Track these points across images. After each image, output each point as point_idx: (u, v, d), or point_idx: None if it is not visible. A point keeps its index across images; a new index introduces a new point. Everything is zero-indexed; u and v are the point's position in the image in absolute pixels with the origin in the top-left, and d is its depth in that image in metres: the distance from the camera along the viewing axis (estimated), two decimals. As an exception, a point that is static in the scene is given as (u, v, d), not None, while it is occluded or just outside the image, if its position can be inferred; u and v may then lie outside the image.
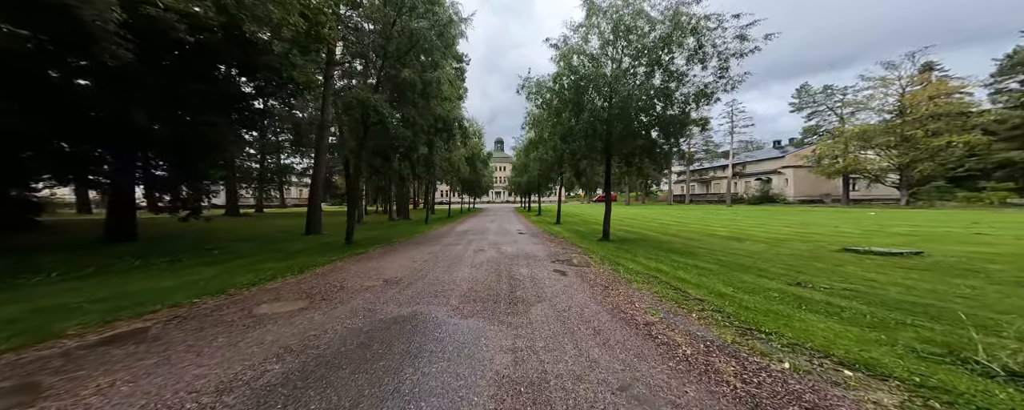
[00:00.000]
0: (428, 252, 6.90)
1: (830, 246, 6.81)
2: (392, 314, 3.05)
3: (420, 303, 3.39)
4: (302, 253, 6.65)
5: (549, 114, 9.81)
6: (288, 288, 3.92)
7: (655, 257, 5.94)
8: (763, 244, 7.53)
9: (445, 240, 9.07)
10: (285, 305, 3.28)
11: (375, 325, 2.75)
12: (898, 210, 19.91)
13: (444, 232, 11.37)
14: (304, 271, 4.85)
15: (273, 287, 3.96)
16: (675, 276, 4.39)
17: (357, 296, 3.61)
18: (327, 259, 5.84)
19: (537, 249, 7.26)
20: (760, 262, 5.29)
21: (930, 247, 6.14)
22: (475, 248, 7.56)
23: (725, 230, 10.99)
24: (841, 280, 4.01)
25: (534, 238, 9.42)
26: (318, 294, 3.68)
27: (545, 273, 4.89)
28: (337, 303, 3.36)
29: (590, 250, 6.95)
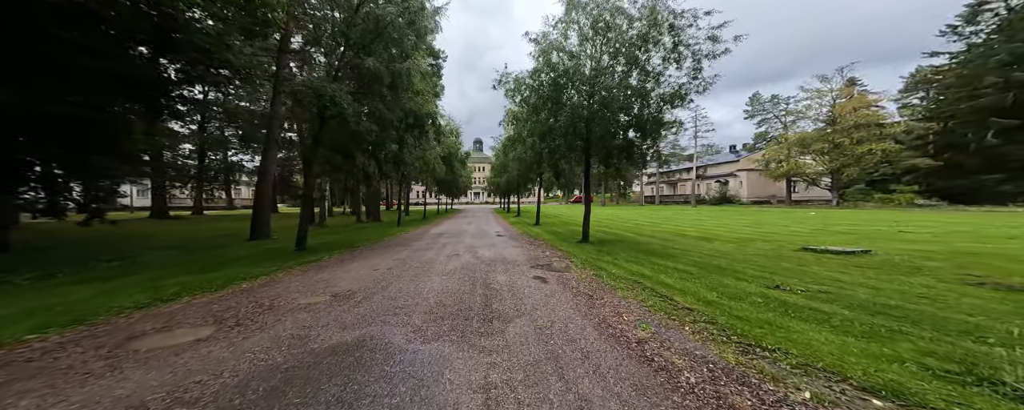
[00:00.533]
0: (395, 258, 6.17)
1: (790, 245, 7.06)
2: (331, 342, 2.40)
3: (373, 324, 2.77)
4: (235, 263, 5.62)
5: (528, 112, 9.43)
6: (192, 310, 3.09)
7: (635, 260, 5.71)
8: (731, 244, 7.67)
9: (416, 244, 8.31)
10: (176, 335, 2.49)
11: (302, 359, 2.10)
12: (832, 210, 22.09)
13: (416, 235, 10.54)
14: (227, 286, 3.98)
15: (170, 310, 3.10)
16: (658, 281, 4.12)
17: (288, 318, 2.90)
18: (265, 270, 4.93)
19: (516, 253, 6.79)
20: (734, 263, 5.24)
21: (871, 245, 6.55)
22: (449, 253, 6.92)
23: (693, 230, 11.28)
24: (812, 281, 3.97)
25: (513, 241, 8.95)
26: (232, 317, 2.90)
27: (525, 280, 4.43)
28: (255, 329, 2.63)
29: (571, 253, 6.61)
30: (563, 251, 6.93)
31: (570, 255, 6.41)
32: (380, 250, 7.27)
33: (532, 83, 8.48)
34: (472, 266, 5.47)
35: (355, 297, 3.59)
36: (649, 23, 6.53)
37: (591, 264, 5.40)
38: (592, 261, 5.67)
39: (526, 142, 14.03)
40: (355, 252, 7.04)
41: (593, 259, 5.88)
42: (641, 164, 8.27)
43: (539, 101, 8.58)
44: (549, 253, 6.74)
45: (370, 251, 7.15)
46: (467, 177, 28.26)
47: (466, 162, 26.26)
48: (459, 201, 54.58)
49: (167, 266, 5.37)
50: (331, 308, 3.18)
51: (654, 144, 7.92)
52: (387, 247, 7.77)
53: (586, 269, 5.05)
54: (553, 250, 7.18)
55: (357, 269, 5.15)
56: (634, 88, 7.31)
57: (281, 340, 2.41)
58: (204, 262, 5.72)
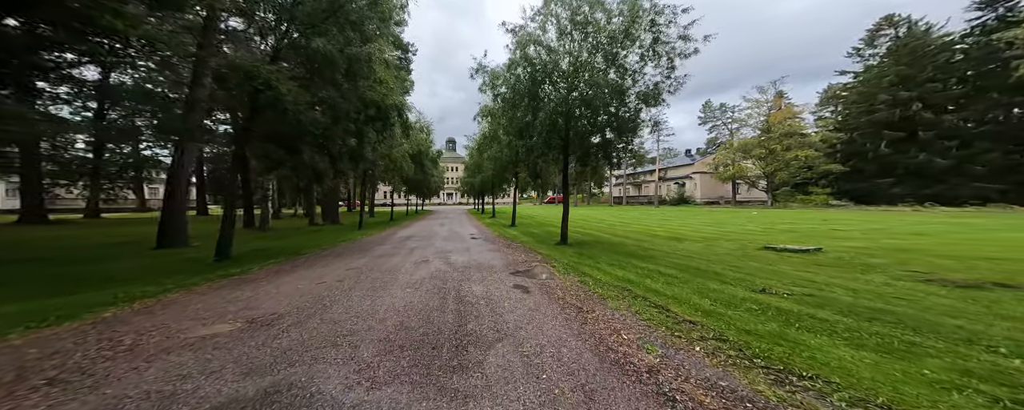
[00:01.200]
0: (349, 267, 5.25)
1: (750, 244, 7.39)
2: (217, 400, 1.63)
3: (298, 363, 2.03)
4: (120, 279, 4.28)
5: (504, 107, 8.91)
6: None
7: (618, 263, 5.47)
8: (700, 244, 7.86)
9: (379, 249, 7.34)
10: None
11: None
12: (768, 210, 24.75)
13: (380, 239, 9.45)
14: (81, 315, 2.84)
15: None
16: (647, 287, 3.84)
17: (155, 363, 2.01)
18: (159, 288, 3.79)
19: (493, 257, 6.22)
20: (710, 264, 5.21)
21: (817, 243, 7.07)
22: (417, 259, 6.13)
23: (661, 230, 11.62)
24: (791, 283, 3.96)
25: (489, 244, 8.36)
26: (54, 368, 1.93)
27: (504, 290, 3.89)
28: (83, 388, 1.72)
29: (551, 257, 6.22)
30: (543, 254, 6.52)
31: (550, 259, 6.01)
32: (331, 258, 6.23)
33: (508, 77, 7.99)
34: (443, 274, 4.80)
35: (281, 323, 2.75)
36: (629, 19, 6.38)
37: (574, 269, 5.03)
38: (574, 265, 5.31)
39: (502, 141, 13.53)
40: (298, 261, 5.93)
41: (575, 263, 5.53)
42: (618, 163, 8.18)
43: (516, 97, 8.12)
44: (528, 257, 6.28)
45: (318, 259, 6.08)
46: (439, 177, 26.94)
47: (438, 161, 25.01)
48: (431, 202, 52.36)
49: (10, 285, 3.91)
50: (238, 341, 2.33)
51: (631, 142, 7.87)
52: (341, 254, 6.72)
53: (569, 275, 4.66)
54: (532, 253, 6.74)
55: (294, 283, 4.20)
56: (612, 86, 7.16)
57: (124, 402, 1.57)
58: (76, 279, 4.29)
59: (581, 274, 4.68)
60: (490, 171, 16.23)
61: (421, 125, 20.61)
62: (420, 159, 19.06)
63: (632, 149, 8.01)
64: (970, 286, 3.54)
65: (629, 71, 7.14)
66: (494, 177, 16.52)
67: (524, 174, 14.65)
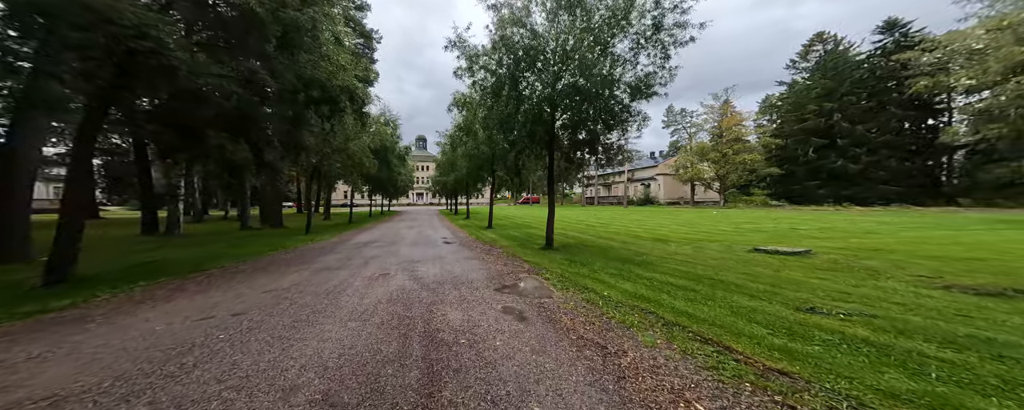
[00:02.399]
0: (267, 290, 3.78)
1: (737, 246, 7.11)
2: None
3: None
4: None
5: (483, 97, 7.79)
6: None
7: (619, 272, 4.66)
8: (687, 246, 7.47)
9: (323, 260, 5.77)
10: None
11: None
12: (724, 209, 26.67)
13: (328, 246, 7.74)
14: None
15: None
16: (671, 308, 3.04)
17: None
18: None
19: (471, 268, 5.07)
20: (717, 271, 4.62)
21: (793, 243, 7.02)
22: (375, 271, 4.78)
23: (642, 231, 11.36)
24: (825, 296, 3.41)
25: (465, 249, 7.16)
26: None
27: (492, 318, 2.82)
28: None
29: (539, 265, 5.25)
30: (530, 262, 5.53)
31: (540, 268, 5.04)
32: (247, 275, 4.60)
33: (489, 61, 6.93)
34: (407, 295, 3.58)
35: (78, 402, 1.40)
36: (628, 1, 5.66)
37: (572, 282, 4.11)
38: (571, 277, 4.39)
39: (478, 136, 12.31)
40: (190, 282, 4.23)
41: (570, 273, 4.62)
42: (609, 160, 7.50)
43: (497, 84, 7.10)
44: (513, 266, 5.24)
45: (224, 278, 4.43)
46: (408, 175, 24.79)
47: (406, 158, 22.93)
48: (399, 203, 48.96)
49: None
50: None
51: (622, 138, 7.22)
52: (265, 268, 5.08)
53: (569, 290, 3.72)
54: (516, 261, 5.72)
55: (156, 321, 2.70)
56: (603, 76, 6.43)
57: None
58: None
59: (582, 289, 3.77)
60: (464, 169, 14.92)
61: (386, 118, 18.59)
62: (384, 155, 17.08)
63: (622, 145, 7.37)
64: (995, 294, 3.28)
65: (620, 60, 6.47)
66: (469, 176, 15.23)
67: (502, 172, 13.61)
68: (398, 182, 21.07)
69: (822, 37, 33.35)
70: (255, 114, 4.98)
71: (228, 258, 5.89)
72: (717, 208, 28.19)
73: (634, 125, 7.07)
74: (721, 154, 32.95)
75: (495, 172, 13.07)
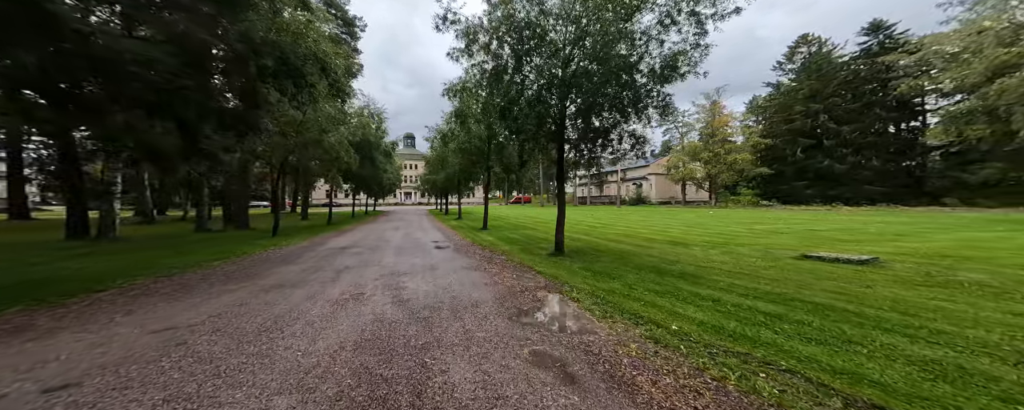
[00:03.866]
0: (174, 321, 2.54)
1: (775, 251, 6.26)
2: None
3: None
4: None
5: (483, 79, 6.70)
6: None
7: (662, 288, 3.67)
8: (716, 252, 6.58)
9: (281, 271, 4.48)
10: None
11: None
12: (720, 210, 26.61)
13: (296, 252, 6.38)
14: None
15: None
16: (798, 356, 2.07)
17: None
18: None
19: (474, 283, 3.94)
20: (799, 289, 3.71)
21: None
22: (344, 290, 3.57)
23: (649, 232, 10.54)
24: (987, 329, 2.49)
25: (462, 256, 6.00)
26: None
27: (521, 379, 1.75)
28: None
29: (557, 277, 4.18)
30: (545, 273, 4.45)
31: (559, 281, 3.98)
32: (163, 295, 3.28)
33: (488, 43, 5.87)
34: (388, 331, 2.43)
35: None
36: None
37: (612, 304, 3.07)
38: (606, 296, 3.36)
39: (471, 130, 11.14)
40: (68, 308, 2.88)
41: (602, 291, 3.58)
42: (625, 151, 6.52)
43: (499, 67, 6.09)
44: (526, 279, 4.15)
45: (126, 300, 3.10)
46: (395, 173, 23.21)
47: (393, 154, 21.38)
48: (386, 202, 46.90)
49: None
50: None
51: (642, 126, 6.26)
52: (195, 284, 3.74)
53: (618, 320, 2.68)
54: (527, 271, 4.63)
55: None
56: (621, 57, 5.46)
57: None
58: None
59: (632, 316, 2.74)
60: (456, 165, 13.69)
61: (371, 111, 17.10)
62: (368, 150, 15.58)
63: (643, 136, 6.42)
64: None
65: (642, 40, 5.51)
66: (461, 172, 14.01)
67: (498, 168, 12.49)
68: (384, 180, 19.52)
69: (807, 39, 34.11)
70: (181, 82, 3.64)
71: (152, 270, 4.48)
72: (712, 208, 28.16)
73: (658, 112, 6.12)
74: (712, 154, 33.09)
75: (491, 168, 11.93)
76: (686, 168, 35.87)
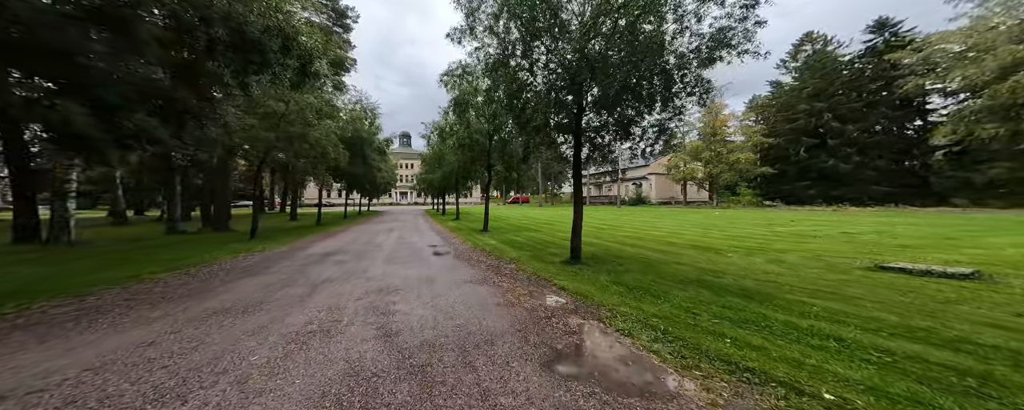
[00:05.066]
0: (18, 382, 1.53)
1: (833, 260, 5.39)
2: None
3: None
4: None
5: (489, 63, 5.86)
6: None
7: (729, 312, 2.83)
8: (759, 259, 5.76)
9: (239, 287, 3.51)
10: None
11: None
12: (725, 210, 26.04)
13: (270, 259, 5.41)
14: None
15: None
16: None
17: None
18: None
19: (483, 303, 3.03)
20: (903, 316, 2.89)
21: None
22: (313, 316, 2.64)
23: (666, 235, 9.76)
24: None
25: (465, 265, 5.09)
26: None
27: None
28: None
29: (587, 296, 3.31)
30: (569, 290, 3.58)
31: (590, 301, 3.12)
32: (59, 324, 2.28)
33: (493, 24, 5.07)
34: (366, 390, 1.53)
35: None
36: None
37: (682, 341, 2.20)
38: (663, 326, 2.48)
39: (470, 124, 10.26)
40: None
41: (654, 318, 2.71)
42: (653, 143, 5.68)
43: (504, 53, 5.29)
44: (546, 297, 3.27)
45: (16, 331, 2.12)
46: (389, 171, 22.18)
47: (386, 152, 20.38)
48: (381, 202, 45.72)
49: None
50: None
51: (677, 117, 5.42)
52: (107, 309, 2.70)
53: (708, 373, 1.79)
54: (545, 285, 3.76)
55: None
56: (647, 34, 4.64)
57: None
58: None
59: (725, 363, 1.89)
60: (455, 163, 12.79)
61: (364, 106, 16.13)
62: (361, 148, 14.61)
63: (672, 128, 5.58)
64: None
65: (675, 15, 4.68)
66: (460, 170, 13.10)
67: (500, 165, 11.61)
68: (377, 179, 18.52)
69: (812, 37, 33.82)
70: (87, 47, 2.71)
71: (68, 286, 3.50)
72: (718, 208, 27.61)
73: (695, 100, 5.28)
74: (714, 154, 32.61)
75: (492, 165, 11.05)
76: (687, 168, 35.37)
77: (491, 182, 11.69)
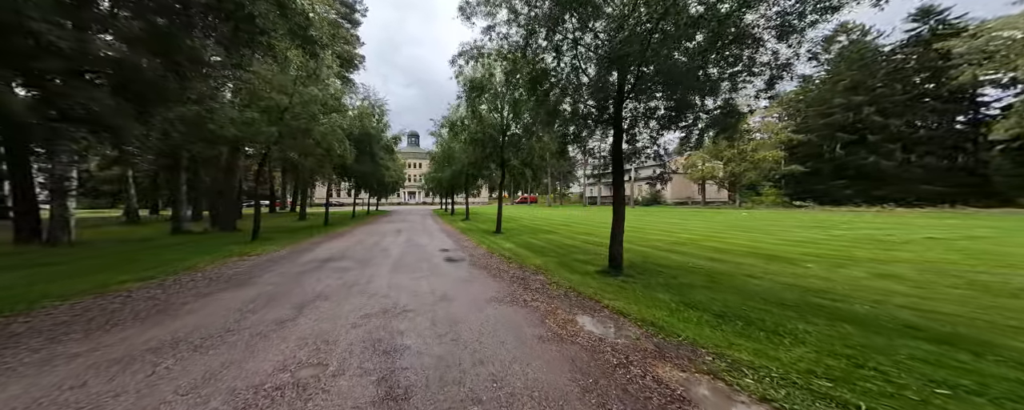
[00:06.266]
0: None
1: (967, 273, 4.30)
2: None
3: None
4: None
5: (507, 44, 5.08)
6: None
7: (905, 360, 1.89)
8: (857, 270, 4.74)
9: (212, 305, 2.63)
10: None
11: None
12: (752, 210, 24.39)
13: (268, 263, 4.72)
14: None
15: None
16: None
17: None
18: None
19: (519, 337, 2.10)
20: None
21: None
22: (288, 359, 1.76)
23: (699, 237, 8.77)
24: None
25: (484, 275, 4.26)
26: None
27: None
28: None
29: (662, 326, 2.40)
30: (632, 316, 2.68)
31: (673, 336, 2.22)
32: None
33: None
34: None
35: None
36: None
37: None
38: (835, 395, 1.59)
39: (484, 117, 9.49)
40: None
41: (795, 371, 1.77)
42: (719, 131, 4.73)
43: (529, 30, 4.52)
44: (603, 326, 2.37)
45: None
46: (397, 170, 21.74)
47: (394, 150, 19.91)
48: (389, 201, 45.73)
49: None
50: None
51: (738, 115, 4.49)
52: (24, 341, 2.01)
53: None
54: (594, 308, 2.87)
55: None
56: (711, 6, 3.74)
57: None
58: None
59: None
60: (465, 160, 12.07)
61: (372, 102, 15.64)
62: (369, 145, 14.08)
63: (742, 112, 4.64)
64: None
65: None
66: (470, 166, 12.37)
67: (516, 161, 10.81)
68: (385, 178, 18.03)
69: (846, 27, 31.58)
70: None
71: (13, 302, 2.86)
72: (743, 209, 25.97)
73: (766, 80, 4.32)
74: (737, 151, 30.83)
75: (506, 161, 10.24)
76: (705, 167, 33.69)
77: (503, 179, 10.88)
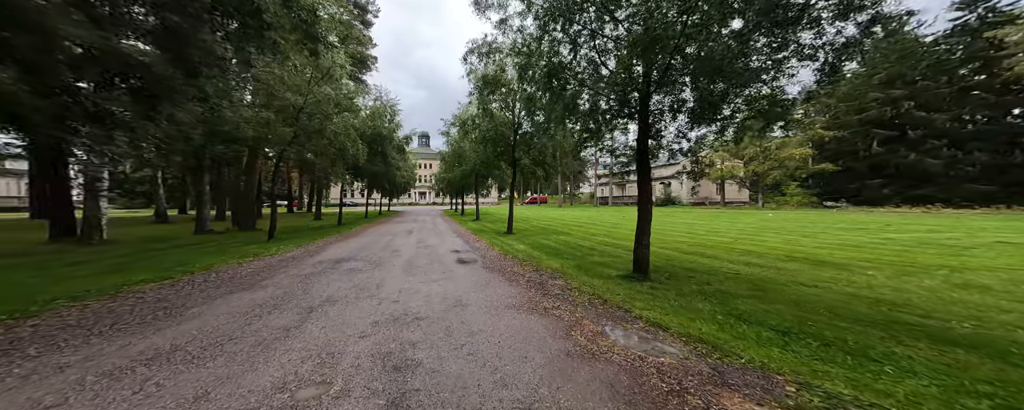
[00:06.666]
0: None
1: None
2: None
3: None
4: None
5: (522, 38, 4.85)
6: None
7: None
8: (958, 288, 4.18)
9: (217, 311, 2.47)
10: None
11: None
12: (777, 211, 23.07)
13: (275, 266, 4.60)
14: None
15: None
16: None
17: None
18: None
19: (545, 352, 1.79)
20: None
21: None
22: (288, 375, 1.53)
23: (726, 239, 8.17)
24: None
25: (499, 280, 3.99)
26: None
27: None
28: None
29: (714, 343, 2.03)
30: (673, 329, 2.34)
31: (732, 358, 1.85)
32: None
33: None
34: None
35: None
36: None
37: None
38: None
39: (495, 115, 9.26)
40: None
41: None
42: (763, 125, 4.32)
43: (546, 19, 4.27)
44: (639, 340, 2.02)
45: None
46: (409, 171, 21.91)
47: (405, 149, 20.04)
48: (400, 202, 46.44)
49: None
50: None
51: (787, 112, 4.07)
52: (38, 341, 1.82)
53: None
54: (625, 318, 2.53)
55: None
56: None
57: None
58: None
59: None
60: (476, 160, 11.89)
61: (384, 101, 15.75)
62: (381, 145, 14.17)
63: (793, 99, 4.23)
64: None
65: None
66: (481, 165, 12.18)
67: (527, 160, 10.53)
68: (397, 178, 18.14)
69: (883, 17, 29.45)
70: None
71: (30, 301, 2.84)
72: (768, 210, 24.66)
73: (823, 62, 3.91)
74: (760, 149, 29.33)
75: (518, 160, 9.97)
76: (725, 166, 32.28)
77: (515, 177, 10.61)
